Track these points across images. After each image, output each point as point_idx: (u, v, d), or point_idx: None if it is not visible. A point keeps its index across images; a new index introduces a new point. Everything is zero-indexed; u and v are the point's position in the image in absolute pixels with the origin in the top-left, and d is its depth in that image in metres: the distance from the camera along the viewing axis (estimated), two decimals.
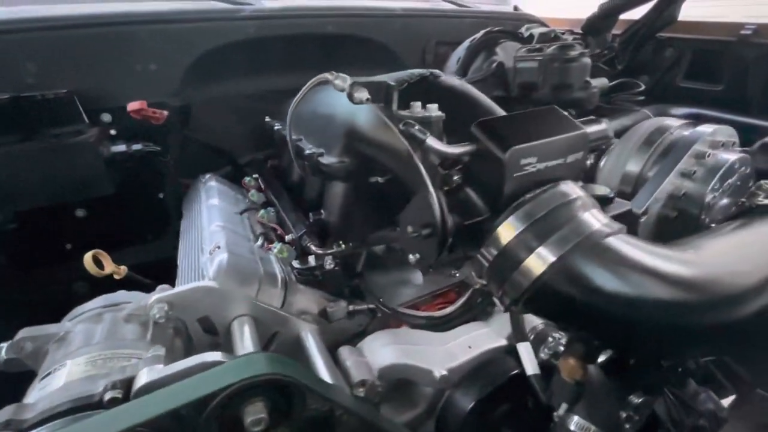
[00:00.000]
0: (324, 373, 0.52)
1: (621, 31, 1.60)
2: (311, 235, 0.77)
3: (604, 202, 0.49)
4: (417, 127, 0.47)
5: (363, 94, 0.49)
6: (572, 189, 0.44)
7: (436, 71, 0.69)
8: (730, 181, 0.82)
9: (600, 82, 1.10)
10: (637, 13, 1.50)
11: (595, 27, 1.77)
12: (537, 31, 1.41)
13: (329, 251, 0.73)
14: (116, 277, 0.69)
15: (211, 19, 1.14)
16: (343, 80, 0.52)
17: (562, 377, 0.44)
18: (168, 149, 1.13)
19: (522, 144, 0.42)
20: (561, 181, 0.44)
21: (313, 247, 0.74)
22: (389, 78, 0.58)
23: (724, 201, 0.81)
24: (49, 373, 0.48)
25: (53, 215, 1.01)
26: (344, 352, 0.60)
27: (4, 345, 0.53)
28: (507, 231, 0.42)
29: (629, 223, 0.47)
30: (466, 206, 0.46)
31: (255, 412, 0.37)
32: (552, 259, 0.40)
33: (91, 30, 1.01)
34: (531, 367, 0.53)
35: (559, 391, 0.46)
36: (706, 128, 0.85)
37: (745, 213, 0.57)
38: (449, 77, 0.74)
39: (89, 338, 0.53)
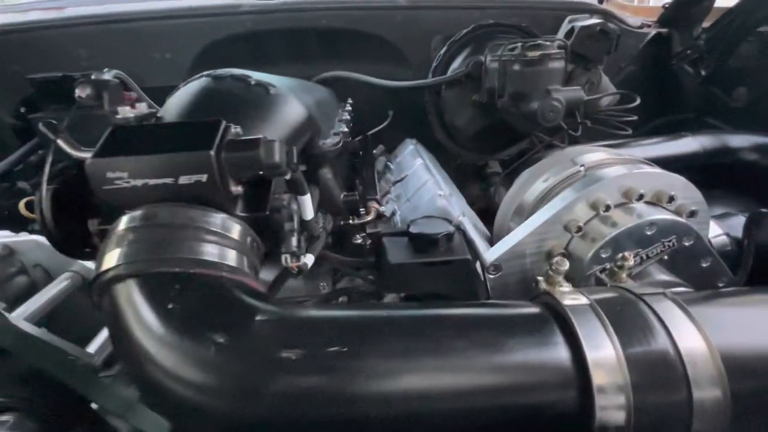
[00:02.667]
0: None
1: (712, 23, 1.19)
2: None
3: None
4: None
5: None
6: (174, 213, 0.40)
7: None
8: (642, 252, 0.57)
9: (571, 95, 0.85)
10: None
11: (678, 17, 1.35)
12: (581, 24, 1.17)
13: None
14: None
15: (213, 14, 1.28)
16: None
17: None
18: None
19: (105, 157, 0.40)
20: (163, 204, 0.40)
21: None
22: None
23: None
24: None
25: None
26: None
27: None
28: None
29: None
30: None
31: None
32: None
33: (122, 25, 1.26)
34: None
35: None
36: (621, 169, 0.60)
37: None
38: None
39: None
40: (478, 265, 0.63)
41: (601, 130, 1.02)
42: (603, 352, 0.35)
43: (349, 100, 1.28)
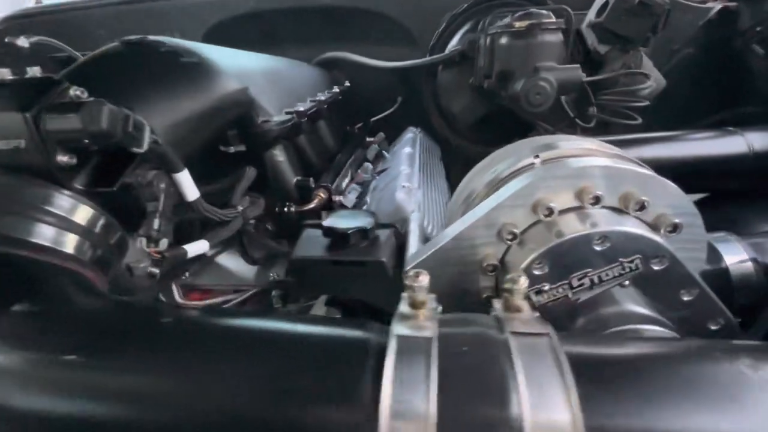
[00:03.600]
0: None
1: None
2: None
3: None
4: None
5: None
6: None
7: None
8: (593, 273, 0.43)
9: (564, 75, 0.69)
10: None
11: None
12: None
13: None
14: None
15: None
16: None
17: None
18: None
19: None
20: None
21: None
22: None
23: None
24: None
25: None
26: None
27: None
28: None
29: None
30: None
31: None
32: None
33: (136, 6, 1.30)
34: None
35: None
36: (578, 163, 0.45)
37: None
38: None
39: None
40: None
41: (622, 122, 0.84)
42: (407, 406, 0.25)
43: (346, 83, 1.20)
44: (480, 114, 0.98)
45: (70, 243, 0.39)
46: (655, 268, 0.42)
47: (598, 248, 0.42)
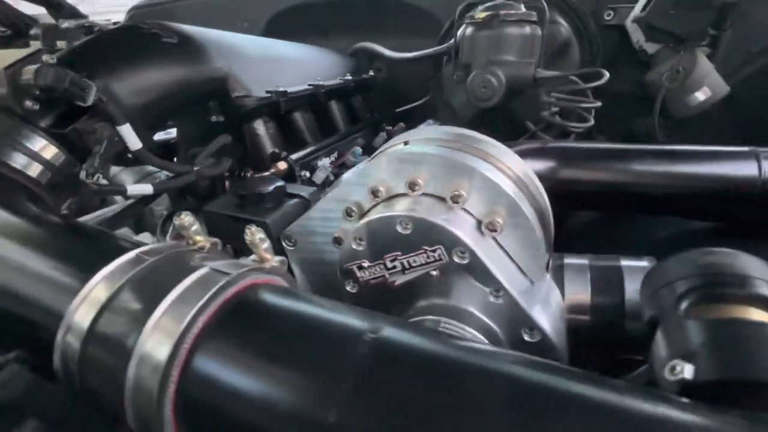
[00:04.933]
0: None
1: None
2: None
3: None
4: None
5: None
6: None
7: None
8: (403, 257, 0.43)
9: (515, 71, 0.65)
10: None
11: None
12: None
13: None
14: None
15: None
16: None
17: None
18: None
19: None
20: None
21: None
22: None
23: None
24: None
25: None
26: None
27: None
28: None
29: None
30: None
31: None
32: None
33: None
34: None
35: None
36: (421, 149, 0.44)
37: None
38: None
39: None
40: None
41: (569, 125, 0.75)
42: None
43: (370, 72, 1.27)
44: (474, 110, 0.95)
45: (35, 169, 0.55)
46: (457, 261, 0.42)
47: (402, 231, 0.43)
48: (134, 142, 0.63)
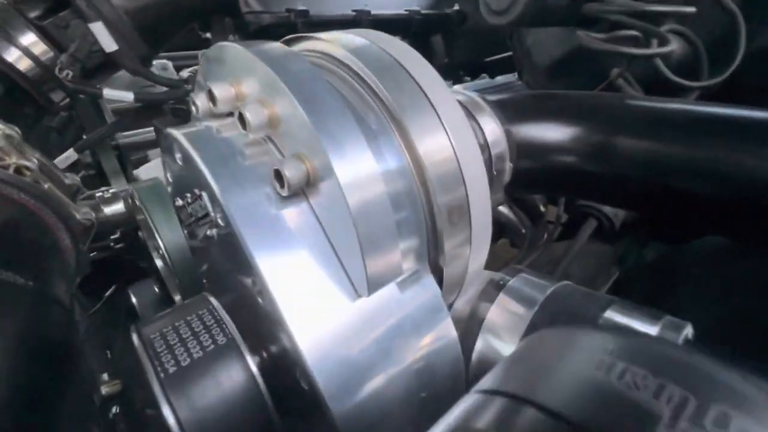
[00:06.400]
0: None
1: None
2: None
3: None
4: None
5: None
6: None
7: None
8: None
9: None
10: None
11: None
12: None
13: None
14: None
15: None
16: None
17: None
18: None
19: None
20: None
21: None
22: None
23: None
24: None
25: None
26: None
27: None
28: None
29: None
30: None
31: None
32: None
33: None
34: None
35: None
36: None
37: None
38: None
39: None
40: None
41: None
42: None
43: (455, 6, 1.06)
44: (551, 53, 0.68)
45: (23, 63, 0.61)
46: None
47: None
48: (108, 43, 0.63)
